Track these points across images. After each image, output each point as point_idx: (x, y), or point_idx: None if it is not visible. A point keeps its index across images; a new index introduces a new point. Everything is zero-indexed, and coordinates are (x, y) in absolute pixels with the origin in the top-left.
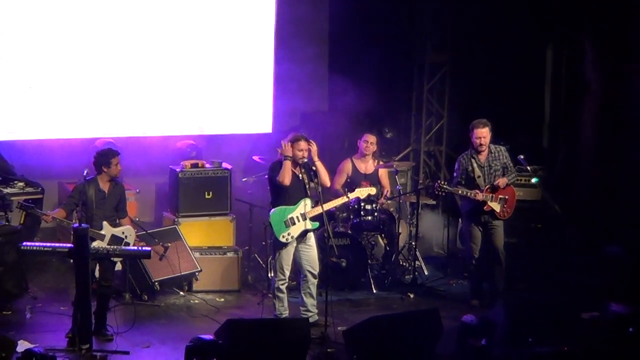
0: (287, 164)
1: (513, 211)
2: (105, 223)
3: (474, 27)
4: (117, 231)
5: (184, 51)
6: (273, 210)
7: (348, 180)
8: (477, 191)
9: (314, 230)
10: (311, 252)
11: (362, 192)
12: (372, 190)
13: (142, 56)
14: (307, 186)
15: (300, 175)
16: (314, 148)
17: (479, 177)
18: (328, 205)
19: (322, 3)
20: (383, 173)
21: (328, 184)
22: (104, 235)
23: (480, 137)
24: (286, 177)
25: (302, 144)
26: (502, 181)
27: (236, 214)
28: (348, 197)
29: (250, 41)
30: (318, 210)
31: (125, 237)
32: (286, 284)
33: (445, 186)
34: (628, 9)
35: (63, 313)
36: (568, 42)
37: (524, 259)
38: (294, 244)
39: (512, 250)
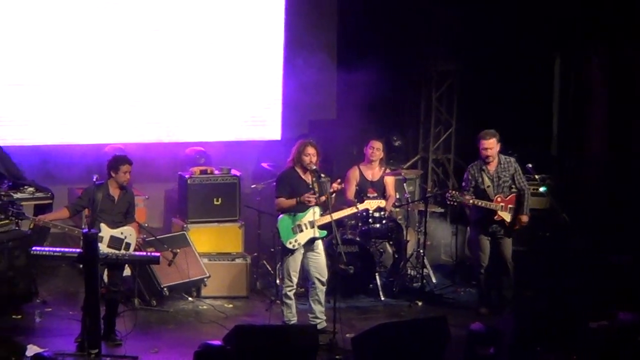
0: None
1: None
2: (103, 225)
3: (483, 36)
4: (116, 232)
5: (193, 58)
6: (281, 216)
7: (356, 187)
8: (489, 202)
9: (321, 239)
10: (319, 259)
11: (371, 204)
12: (382, 203)
13: (152, 63)
14: (316, 194)
15: (310, 183)
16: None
17: (488, 187)
18: (337, 215)
19: (331, 12)
20: (389, 181)
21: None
22: (102, 237)
23: (486, 148)
24: (284, 209)
25: (309, 150)
26: (524, 219)
27: (245, 221)
28: (357, 208)
29: (259, 48)
30: (327, 219)
31: (125, 237)
32: (294, 291)
33: (457, 195)
34: (636, 19)
35: (72, 317)
36: (576, 52)
37: (532, 267)
38: (302, 251)
39: (521, 259)
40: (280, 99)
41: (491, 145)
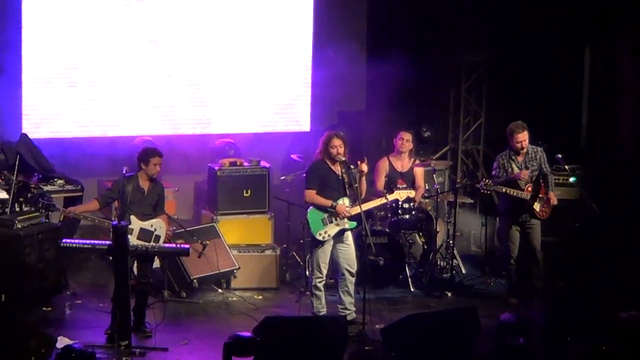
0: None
1: (551, 210)
2: (133, 217)
3: (512, 26)
4: (146, 224)
5: (222, 50)
6: (311, 208)
7: (385, 178)
8: (520, 191)
9: (351, 230)
10: (349, 250)
11: (401, 195)
12: (411, 193)
13: (182, 55)
14: (345, 185)
15: (340, 174)
16: (365, 168)
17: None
18: (366, 206)
19: (361, 3)
20: (419, 172)
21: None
22: (132, 229)
23: (521, 141)
24: (314, 204)
25: (335, 141)
26: (553, 198)
27: (274, 212)
28: (387, 199)
29: (288, 40)
30: (356, 210)
31: (155, 230)
32: (324, 282)
33: (490, 184)
34: None
35: (102, 309)
36: (606, 40)
37: (562, 257)
38: (331, 242)
39: (551, 249)
40: (309, 90)
41: (525, 137)
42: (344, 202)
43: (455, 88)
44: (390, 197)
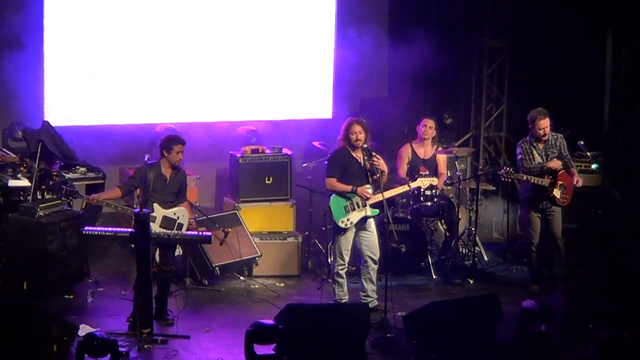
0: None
1: (571, 197)
2: (156, 205)
3: (534, 12)
4: (169, 212)
5: (244, 37)
6: (333, 195)
7: (407, 165)
8: (541, 179)
9: (373, 217)
10: (371, 237)
11: (423, 182)
12: (434, 181)
13: (203, 42)
14: (368, 172)
15: (362, 162)
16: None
17: (538, 163)
18: (389, 193)
19: None
20: (441, 159)
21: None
22: (155, 217)
23: (543, 128)
24: (336, 191)
25: (356, 127)
26: (555, 164)
27: (296, 200)
28: (409, 186)
29: (310, 26)
30: (378, 197)
31: (177, 217)
32: (346, 269)
33: (511, 172)
34: None
35: (124, 297)
36: (628, 27)
37: (584, 245)
38: (354, 230)
39: (573, 236)
40: (331, 76)
41: (547, 124)
42: (370, 197)
43: (477, 74)
44: (413, 184)
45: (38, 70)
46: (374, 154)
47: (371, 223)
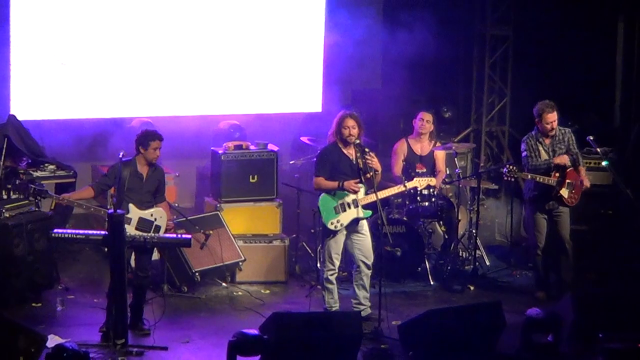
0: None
1: (580, 197)
2: (131, 205)
3: None
4: (146, 213)
5: (226, 23)
6: (323, 194)
7: (403, 162)
8: (548, 178)
9: (366, 219)
10: (364, 240)
11: (420, 182)
12: (432, 181)
13: (181, 28)
14: (360, 170)
15: (354, 159)
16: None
17: (545, 160)
18: (383, 194)
19: None
20: (439, 155)
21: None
22: (130, 219)
23: (551, 122)
24: (324, 190)
25: (349, 122)
26: (563, 159)
27: (283, 200)
28: (405, 187)
29: (298, 10)
30: (372, 198)
31: (155, 219)
32: (336, 275)
33: (515, 170)
34: None
35: (96, 305)
36: None
37: (594, 247)
38: (345, 232)
39: (581, 238)
40: (321, 66)
41: (554, 118)
42: (360, 190)
43: (479, 64)
44: (409, 184)
45: (3, 59)
46: (367, 150)
47: (364, 225)
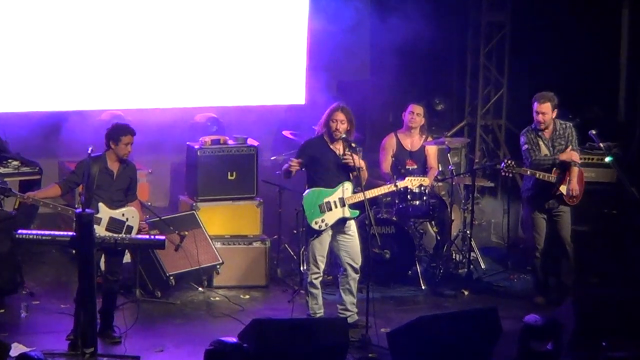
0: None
1: (582, 195)
2: (101, 204)
3: None
4: (116, 213)
5: (202, 8)
6: (307, 191)
7: (392, 158)
8: (548, 174)
9: (353, 219)
10: (352, 242)
11: (412, 182)
12: (425, 181)
13: (154, 14)
14: (346, 167)
15: (340, 154)
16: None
17: (545, 155)
18: (371, 193)
19: None
20: (431, 151)
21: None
22: (100, 219)
23: (539, 113)
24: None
25: (339, 115)
26: (573, 155)
27: (263, 198)
28: (397, 186)
29: None
30: (359, 197)
31: (127, 219)
32: (320, 279)
33: (513, 166)
34: None
35: (64, 312)
36: None
37: (597, 249)
38: (330, 233)
39: (583, 240)
40: (304, 55)
41: (544, 109)
42: (345, 188)
43: (473, 53)
44: (400, 184)
45: None
46: (354, 146)
47: (351, 225)
